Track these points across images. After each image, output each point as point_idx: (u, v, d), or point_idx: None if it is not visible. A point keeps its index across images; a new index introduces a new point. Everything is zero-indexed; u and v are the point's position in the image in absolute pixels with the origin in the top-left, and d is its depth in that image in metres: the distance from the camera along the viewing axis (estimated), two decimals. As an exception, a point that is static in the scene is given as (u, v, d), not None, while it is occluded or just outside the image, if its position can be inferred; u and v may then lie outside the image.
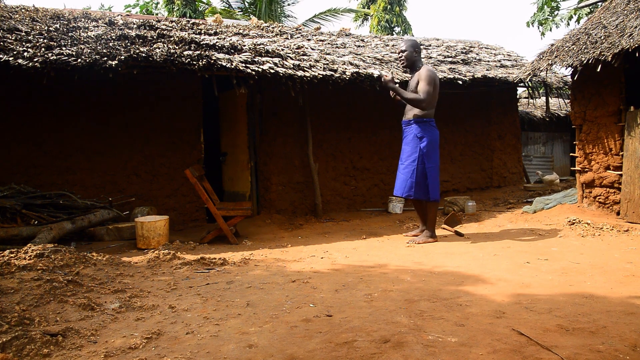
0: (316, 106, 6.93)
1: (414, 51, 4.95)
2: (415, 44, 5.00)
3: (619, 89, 5.33)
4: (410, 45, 4.98)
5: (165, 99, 6.27)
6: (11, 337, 2.20)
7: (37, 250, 3.55)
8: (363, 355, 2.10)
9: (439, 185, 4.93)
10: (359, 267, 3.88)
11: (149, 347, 2.26)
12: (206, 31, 7.02)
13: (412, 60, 4.97)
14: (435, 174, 4.85)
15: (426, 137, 4.81)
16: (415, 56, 4.97)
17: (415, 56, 4.96)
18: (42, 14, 6.44)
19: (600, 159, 5.55)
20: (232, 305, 2.87)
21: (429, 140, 4.81)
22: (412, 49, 4.96)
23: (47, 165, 5.74)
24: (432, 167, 4.83)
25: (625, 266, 3.61)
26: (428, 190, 4.83)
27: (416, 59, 4.97)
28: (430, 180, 4.82)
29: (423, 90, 4.73)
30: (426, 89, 4.73)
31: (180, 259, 4.14)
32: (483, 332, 2.34)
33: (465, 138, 8.54)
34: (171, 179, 6.30)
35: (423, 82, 4.75)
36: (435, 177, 4.85)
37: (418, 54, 4.98)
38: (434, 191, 4.85)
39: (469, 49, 9.14)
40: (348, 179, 7.34)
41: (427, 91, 4.72)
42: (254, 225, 6.22)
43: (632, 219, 5.03)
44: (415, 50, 4.96)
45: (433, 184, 4.83)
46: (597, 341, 2.21)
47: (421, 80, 4.79)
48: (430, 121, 4.87)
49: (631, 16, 5.17)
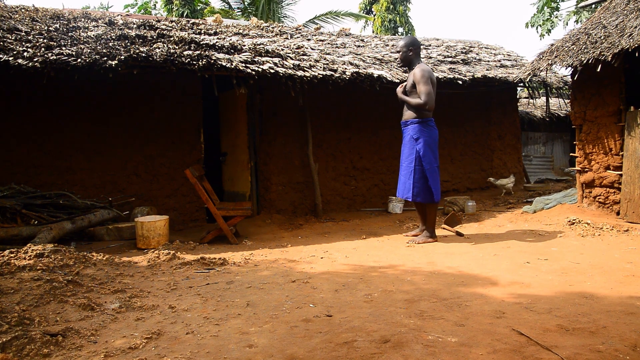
0: (316, 106, 6.92)
1: (408, 50, 4.90)
2: (410, 43, 4.94)
3: (619, 89, 5.33)
4: (404, 45, 4.94)
5: (165, 99, 6.27)
6: (11, 337, 2.20)
7: (37, 250, 3.55)
8: (363, 355, 2.10)
9: (439, 186, 4.89)
10: (359, 267, 3.88)
11: (149, 347, 2.26)
12: (206, 31, 7.02)
13: (408, 59, 4.94)
14: (434, 175, 4.79)
15: (422, 137, 4.76)
16: (411, 55, 4.91)
17: (410, 55, 4.91)
18: (42, 14, 6.43)
19: (600, 159, 5.55)
20: (232, 305, 2.87)
21: (425, 141, 4.76)
22: (407, 48, 4.91)
23: (47, 165, 5.73)
24: (430, 169, 4.77)
25: (625, 266, 3.61)
26: (429, 191, 4.81)
27: (412, 57, 4.92)
28: (431, 181, 4.78)
29: (423, 92, 4.69)
30: (425, 90, 4.68)
31: (180, 259, 4.14)
32: (483, 332, 2.34)
33: (465, 138, 8.54)
34: (171, 179, 6.30)
35: (420, 84, 4.70)
36: (435, 178, 4.80)
37: (414, 52, 4.91)
38: (435, 193, 4.82)
39: (469, 49, 9.14)
40: (348, 179, 7.34)
41: (427, 92, 4.68)
42: (254, 225, 6.22)
43: (632, 219, 5.03)
44: (410, 50, 4.90)
45: (434, 186, 4.80)
46: (597, 341, 2.21)
47: (417, 81, 4.74)
48: (427, 121, 4.79)
49: (631, 16, 5.17)
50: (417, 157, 4.77)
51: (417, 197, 4.83)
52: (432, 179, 4.78)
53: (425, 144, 4.76)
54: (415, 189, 4.80)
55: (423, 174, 4.78)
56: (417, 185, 4.79)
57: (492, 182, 7.91)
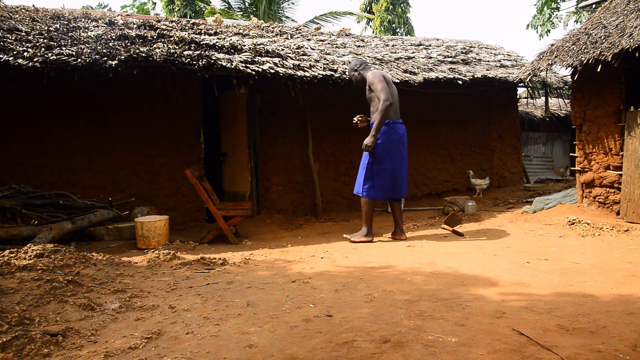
0: (316, 106, 6.92)
1: (356, 72, 5.18)
2: (354, 65, 5.21)
3: (619, 89, 5.33)
4: (350, 70, 5.25)
5: (165, 99, 6.26)
6: (11, 337, 2.20)
7: (37, 250, 3.55)
8: (363, 355, 2.10)
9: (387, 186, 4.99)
10: (359, 267, 3.88)
11: (149, 347, 2.26)
12: (206, 31, 7.02)
13: (360, 78, 5.17)
14: (383, 177, 4.94)
15: (380, 139, 4.88)
16: (358, 76, 5.16)
17: (359, 75, 5.16)
18: (42, 14, 6.44)
19: (600, 159, 5.55)
20: (232, 306, 2.87)
21: (381, 143, 4.88)
22: (354, 71, 5.20)
23: (47, 165, 5.73)
24: (383, 170, 4.93)
25: (625, 266, 3.61)
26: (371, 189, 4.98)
27: (360, 77, 5.15)
28: (376, 180, 4.95)
29: (379, 90, 4.82)
30: (380, 87, 4.82)
31: (180, 259, 4.14)
32: (483, 332, 2.34)
33: (465, 138, 8.54)
34: (171, 179, 6.30)
35: (374, 84, 4.87)
36: (383, 178, 4.95)
37: (361, 69, 5.14)
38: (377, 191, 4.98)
39: (469, 49, 9.14)
40: (348, 179, 7.34)
41: (382, 89, 4.81)
42: (254, 225, 6.22)
43: (632, 219, 5.03)
44: (356, 70, 5.17)
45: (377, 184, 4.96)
46: (597, 341, 2.21)
47: (371, 83, 4.92)
48: (387, 123, 4.90)
49: (631, 16, 5.17)
50: (372, 157, 4.95)
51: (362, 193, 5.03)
52: (379, 179, 4.95)
53: (381, 145, 4.90)
54: (364, 185, 5.00)
55: (372, 173, 4.94)
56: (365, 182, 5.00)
57: (470, 177, 7.88)
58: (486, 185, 7.91)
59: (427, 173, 8.11)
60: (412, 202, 7.74)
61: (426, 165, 8.10)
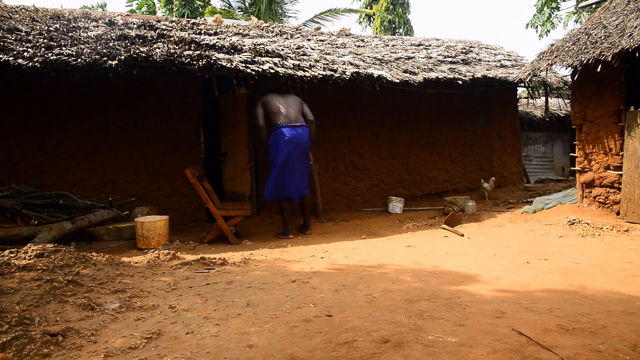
0: (316, 106, 6.92)
1: (258, 111, 5.68)
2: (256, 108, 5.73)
3: (619, 89, 5.32)
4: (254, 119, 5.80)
5: (165, 99, 6.26)
6: (11, 337, 2.20)
7: (37, 250, 3.55)
8: (363, 355, 2.10)
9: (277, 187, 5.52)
10: (359, 267, 3.88)
11: (149, 347, 2.26)
12: (206, 31, 7.02)
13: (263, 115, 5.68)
14: (273, 175, 5.52)
15: (270, 142, 5.60)
16: (262, 111, 5.67)
17: (261, 111, 5.67)
18: (42, 14, 6.43)
19: (600, 159, 5.55)
20: (232, 305, 2.87)
21: (269, 144, 5.61)
22: (256, 114, 5.71)
23: (47, 165, 5.73)
24: (273, 170, 5.53)
25: (625, 266, 3.61)
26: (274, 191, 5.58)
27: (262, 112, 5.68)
28: (269, 179, 5.57)
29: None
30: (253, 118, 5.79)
31: (180, 259, 4.14)
32: (483, 332, 2.34)
33: (465, 138, 8.54)
34: (171, 179, 6.30)
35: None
36: (272, 177, 5.53)
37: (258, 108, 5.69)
38: (267, 191, 5.59)
39: (469, 49, 9.14)
40: (348, 179, 7.33)
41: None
42: (254, 225, 6.22)
43: (632, 219, 5.03)
44: (257, 111, 5.70)
45: (269, 184, 5.56)
46: (597, 341, 2.21)
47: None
48: (273, 127, 5.60)
49: (631, 16, 5.17)
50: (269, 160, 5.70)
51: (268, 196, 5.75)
52: (272, 178, 5.57)
53: (269, 146, 5.63)
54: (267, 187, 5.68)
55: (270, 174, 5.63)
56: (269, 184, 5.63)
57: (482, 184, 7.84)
58: (491, 187, 7.90)
59: (427, 173, 8.11)
60: (412, 202, 7.74)
61: (426, 165, 8.10)
